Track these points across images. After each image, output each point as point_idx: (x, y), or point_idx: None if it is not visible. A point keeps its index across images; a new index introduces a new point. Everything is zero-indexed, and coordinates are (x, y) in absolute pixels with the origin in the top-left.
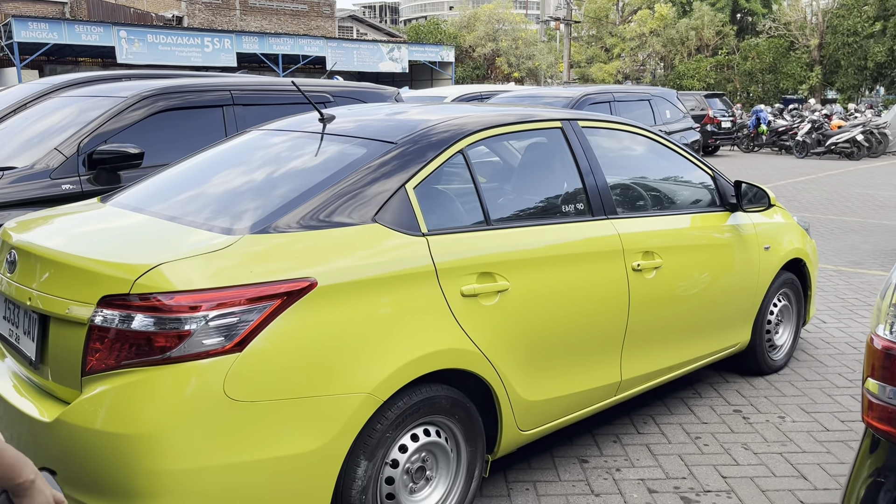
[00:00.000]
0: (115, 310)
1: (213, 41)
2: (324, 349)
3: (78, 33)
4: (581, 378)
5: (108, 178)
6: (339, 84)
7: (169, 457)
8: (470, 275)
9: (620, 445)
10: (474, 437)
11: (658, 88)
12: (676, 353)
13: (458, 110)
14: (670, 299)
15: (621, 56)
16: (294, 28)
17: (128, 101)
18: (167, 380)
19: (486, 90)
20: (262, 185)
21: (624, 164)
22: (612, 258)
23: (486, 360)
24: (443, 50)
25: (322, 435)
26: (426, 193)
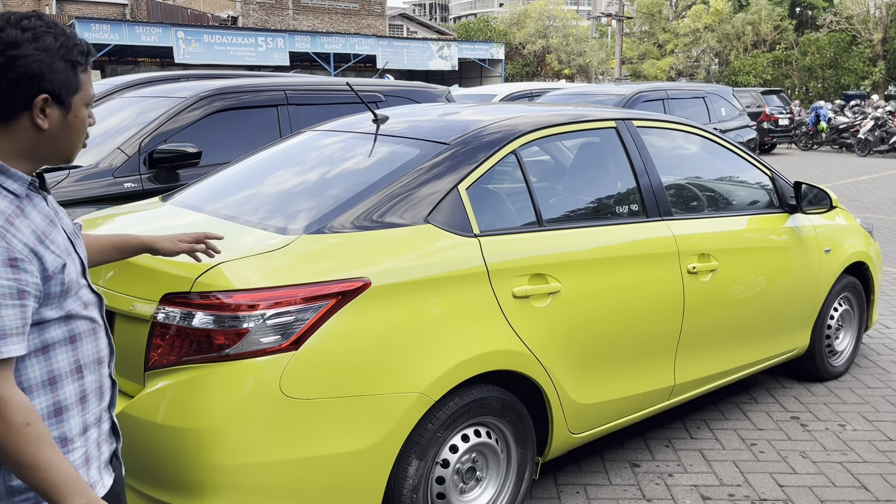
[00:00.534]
0: (176, 307)
1: (267, 41)
2: (377, 348)
3: (138, 34)
4: (633, 382)
5: (168, 176)
6: (390, 83)
7: (227, 452)
8: (522, 276)
9: (673, 450)
10: (525, 439)
11: (713, 85)
12: (732, 358)
13: (510, 110)
14: (726, 303)
15: (674, 52)
16: (345, 27)
17: (186, 101)
18: (225, 376)
19: (535, 88)
20: (316, 185)
21: (679, 165)
22: (667, 260)
23: (538, 362)
24: (492, 47)
25: (374, 433)
26: (478, 194)
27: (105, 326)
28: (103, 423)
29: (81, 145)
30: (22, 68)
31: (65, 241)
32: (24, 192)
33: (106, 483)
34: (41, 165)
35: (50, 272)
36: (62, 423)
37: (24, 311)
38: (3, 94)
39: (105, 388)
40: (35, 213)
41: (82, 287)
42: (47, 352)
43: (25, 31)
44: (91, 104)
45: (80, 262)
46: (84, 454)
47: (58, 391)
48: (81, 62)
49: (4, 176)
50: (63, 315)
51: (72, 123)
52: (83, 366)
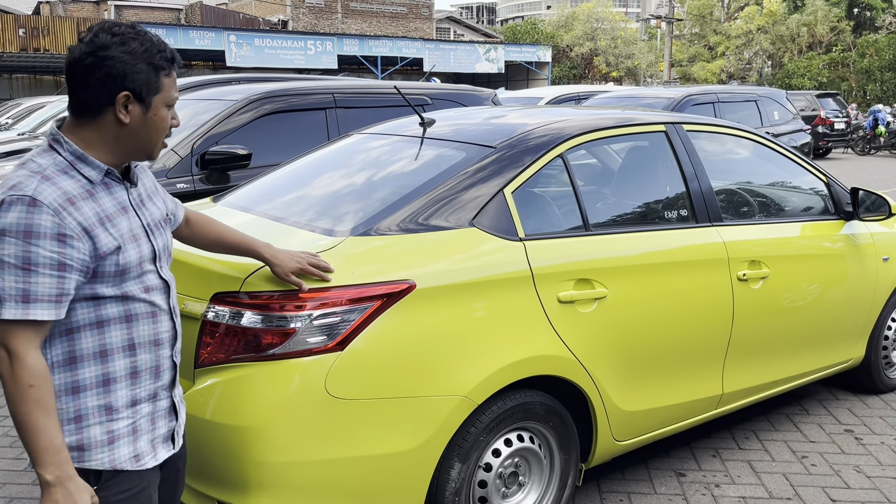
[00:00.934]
0: (225, 306)
1: (316, 44)
2: (421, 351)
3: (192, 38)
4: (680, 390)
5: (219, 177)
6: (437, 86)
7: (273, 449)
8: (567, 281)
9: (720, 460)
10: (568, 445)
11: (766, 88)
12: (782, 368)
13: (557, 114)
14: (777, 311)
15: (725, 54)
16: (393, 30)
17: (237, 104)
18: (272, 375)
19: (583, 91)
20: (363, 187)
21: (730, 169)
22: (717, 267)
23: (583, 367)
24: (539, 50)
25: (418, 435)
26: (524, 198)
27: (171, 312)
28: (160, 400)
29: (162, 144)
30: (108, 68)
31: (133, 228)
32: (98, 178)
33: (159, 457)
34: (127, 159)
35: (101, 252)
36: (109, 393)
37: (61, 281)
38: (93, 91)
39: (163, 369)
40: (107, 198)
41: (148, 272)
42: (101, 327)
43: (115, 35)
44: (173, 106)
45: (153, 250)
46: (131, 425)
47: (108, 364)
48: (164, 66)
49: (83, 163)
50: (119, 294)
51: (151, 121)
52: (137, 344)
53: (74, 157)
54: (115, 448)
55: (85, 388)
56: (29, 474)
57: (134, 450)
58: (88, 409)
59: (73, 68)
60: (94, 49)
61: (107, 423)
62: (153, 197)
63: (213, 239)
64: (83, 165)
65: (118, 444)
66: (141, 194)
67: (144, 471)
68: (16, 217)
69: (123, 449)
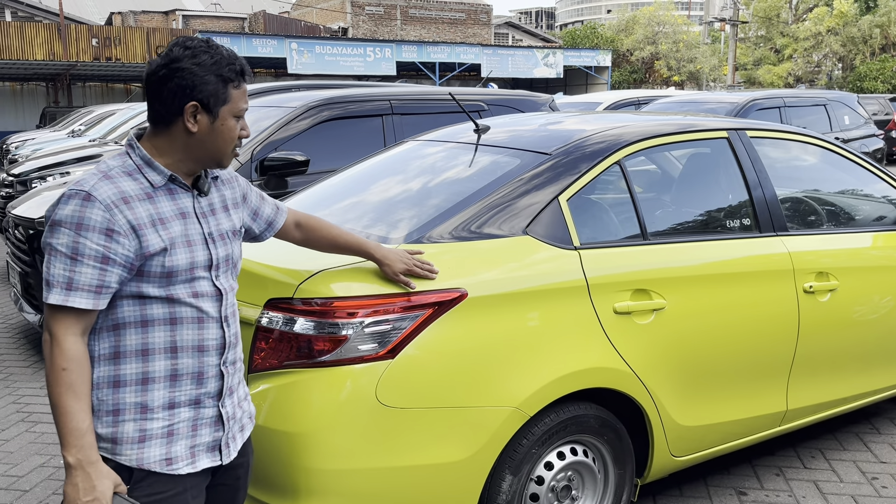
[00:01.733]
0: (279, 312)
1: (375, 51)
2: (472, 360)
3: (255, 46)
4: (742, 405)
5: (277, 183)
6: (493, 92)
7: (323, 456)
8: (624, 291)
9: (784, 480)
10: (623, 460)
11: (835, 92)
12: (851, 384)
13: (615, 119)
14: (847, 325)
15: (793, 57)
16: (451, 36)
17: (296, 111)
18: (324, 382)
19: (643, 96)
20: (416, 195)
21: (796, 177)
22: (781, 278)
23: (639, 380)
24: (599, 54)
25: (469, 446)
26: (580, 206)
27: (221, 321)
28: (203, 407)
29: (232, 153)
30: (178, 79)
31: (190, 234)
32: (161, 182)
33: (198, 465)
34: (198, 167)
35: (145, 251)
36: (146, 391)
37: (103, 273)
38: (164, 101)
39: (208, 376)
40: (167, 203)
41: (200, 278)
42: (146, 326)
43: (187, 49)
44: (241, 117)
45: (209, 258)
46: (167, 427)
47: (148, 363)
48: (233, 79)
49: (149, 167)
50: (165, 296)
51: (218, 130)
52: (179, 348)
53: (142, 162)
54: (144, 447)
55: (125, 383)
56: None
57: (166, 452)
58: (126, 404)
59: (150, 80)
60: (167, 62)
61: (140, 422)
62: (231, 209)
63: (327, 242)
64: (148, 170)
65: (149, 443)
66: (213, 204)
67: (178, 476)
68: (71, 209)
69: (154, 450)
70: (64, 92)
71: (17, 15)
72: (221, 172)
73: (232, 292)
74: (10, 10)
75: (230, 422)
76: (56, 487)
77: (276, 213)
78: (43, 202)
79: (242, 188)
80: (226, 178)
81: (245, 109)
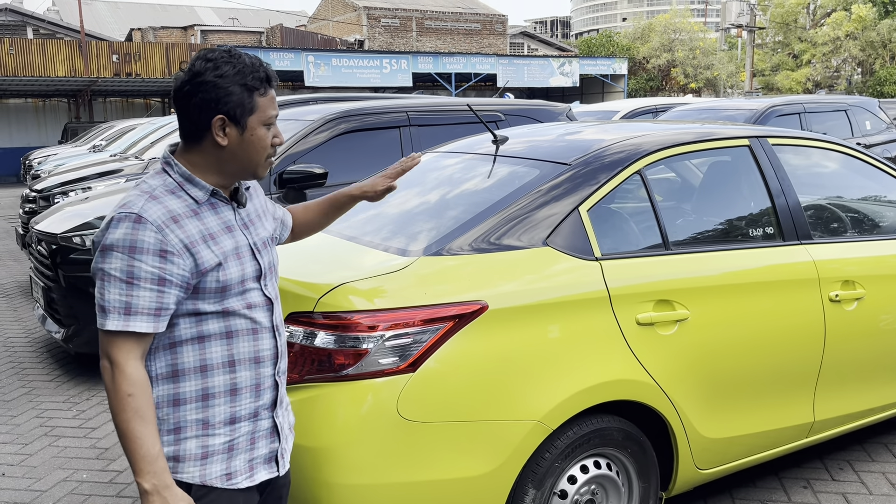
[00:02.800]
0: (300, 326)
1: (391, 62)
2: (494, 373)
3: (272, 59)
4: (768, 417)
5: (296, 196)
6: (510, 102)
7: (345, 471)
8: (646, 302)
9: (812, 492)
10: (647, 473)
11: (856, 97)
12: (880, 395)
13: (634, 129)
14: (874, 334)
15: (812, 62)
16: (467, 47)
17: (314, 123)
18: (345, 396)
19: (660, 103)
20: (435, 207)
21: (819, 184)
22: (806, 287)
23: (663, 392)
24: (615, 62)
25: (491, 460)
26: (600, 216)
27: (273, 330)
28: (261, 420)
29: (266, 162)
30: (203, 93)
31: (239, 247)
32: (204, 198)
33: (256, 478)
34: (234, 180)
35: (201, 268)
36: (207, 408)
37: (161, 296)
38: (192, 117)
39: (264, 388)
40: (212, 217)
41: (251, 289)
42: (203, 342)
43: (209, 61)
44: (272, 124)
45: (258, 269)
46: (228, 443)
47: (207, 379)
48: (258, 87)
49: (190, 184)
50: (220, 310)
51: (249, 141)
52: (237, 361)
53: (183, 179)
54: (207, 464)
55: (185, 400)
56: (113, 486)
57: (227, 467)
58: (187, 421)
59: (176, 97)
60: (190, 77)
61: (202, 438)
62: (263, 217)
63: (309, 217)
64: (190, 186)
65: (211, 459)
66: (250, 214)
67: (235, 490)
68: (122, 233)
69: (216, 465)
70: (85, 107)
71: (38, 32)
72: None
73: (278, 301)
74: (33, 28)
75: (283, 431)
76: (79, 502)
77: (284, 212)
78: (66, 217)
79: (262, 196)
80: (253, 185)
81: (275, 116)
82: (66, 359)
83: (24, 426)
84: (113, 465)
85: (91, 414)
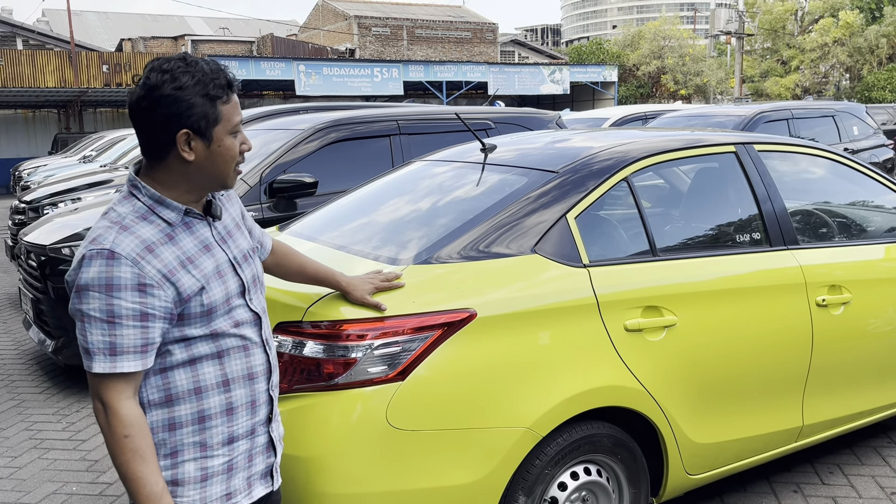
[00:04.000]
0: (288, 336)
1: (382, 71)
2: (482, 381)
3: (263, 69)
4: (757, 421)
5: (286, 205)
6: (500, 111)
7: (335, 481)
8: (634, 308)
9: (802, 497)
10: (638, 479)
11: (844, 103)
12: (869, 398)
13: (622, 136)
14: (861, 338)
15: (800, 69)
16: (458, 55)
17: (304, 133)
18: (334, 405)
19: (650, 110)
20: (425, 215)
21: (806, 190)
22: (793, 292)
23: (652, 398)
24: (605, 70)
25: (481, 468)
26: (588, 223)
27: (263, 344)
28: (257, 436)
29: (234, 171)
30: (162, 108)
31: (219, 265)
32: (178, 219)
33: (254, 494)
34: (203, 193)
35: (184, 296)
36: (204, 430)
37: (145, 332)
38: (153, 134)
39: (259, 403)
40: (188, 239)
41: (237, 307)
42: (194, 364)
43: (165, 73)
44: (238, 132)
45: (241, 284)
46: (227, 463)
47: (203, 401)
48: (220, 95)
49: (161, 206)
50: (209, 333)
51: (216, 153)
52: (231, 380)
53: (153, 201)
54: (207, 486)
55: (181, 424)
56: (103, 498)
57: (227, 488)
58: (184, 445)
59: (134, 113)
60: (146, 92)
61: (201, 461)
62: (240, 227)
63: (295, 269)
64: (161, 208)
65: (211, 481)
66: (227, 226)
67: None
68: (96, 272)
69: (216, 487)
70: (75, 118)
71: (28, 43)
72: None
73: (265, 315)
74: (22, 39)
75: (279, 445)
76: None
77: (262, 233)
78: (55, 228)
79: (240, 204)
80: (228, 193)
81: (240, 122)
82: (55, 371)
83: (14, 438)
84: (102, 478)
85: (81, 426)
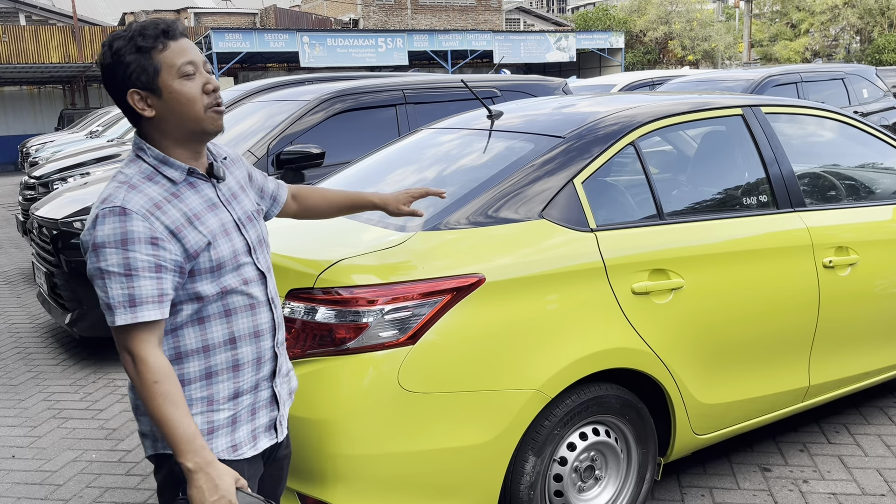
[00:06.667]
0: (301, 302)
1: (387, 41)
2: (492, 344)
3: (267, 41)
4: (764, 382)
5: (294, 176)
6: (506, 78)
7: (349, 442)
8: (641, 272)
9: (808, 455)
10: (646, 439)
11: (853, 65)
12: (875, 358)
13: (628, 100)
14: (868, 299)
15: (810, 32)
16: (462, 23)
17: (310, 104)
18: (346, 369)
19: (657, 76)
20: (432, 182)
21: (813, 152)
22: (800, 254)
23: (659, 360)
24: (612, 36)
25: (491, 429)
26: (595, 188)
27: (269, 303)
28: (261, 391)
29: (209, 113)
30: (111, 77)
31: (224, 223)
32: (181, 178)
33: (259, 446)
34: (193, 148)
35: (191, 252)
36: (211, 385)
37: (160, 282)
38: (119, 104)
39: (265, 360)
40: (194, 197)
41: (244, 264)
42: (203, 322)
43: (107, 46)
44: (192, 73)
45: (246, 243)
46: (231, 416)
47: (210, 358)
48: (153, 45)
49: (166, 165)
50: (219, 290)
51: (170, 100)
52: (237, 338)
53: (158, 161)
54: (213, 438)
55: (190, 380)
56: (122, 465)
57: (232, 440)
58: (192, 399)
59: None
60: (101, 71)
61: (207, 414)
62: (245, 190)
63: (324, 204)
64: (166, 168)
65: (217, 434)
66: (232, 188)
67: (241, 461)
68: (111, 228)
69: (222, 439)
70: (80, 94)
71: (31, 19)
72: (228, 152)
73: (271, 273)
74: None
75: (282, 399)
76: (89, 481)
77: (277, 187)
78: (65, 203)
79: (246, 166)
80: (232, 157)
81: (188, 62)
82: (70, 343)
83: (33, 409)
84: (121, 445)
85: (98, 396)
